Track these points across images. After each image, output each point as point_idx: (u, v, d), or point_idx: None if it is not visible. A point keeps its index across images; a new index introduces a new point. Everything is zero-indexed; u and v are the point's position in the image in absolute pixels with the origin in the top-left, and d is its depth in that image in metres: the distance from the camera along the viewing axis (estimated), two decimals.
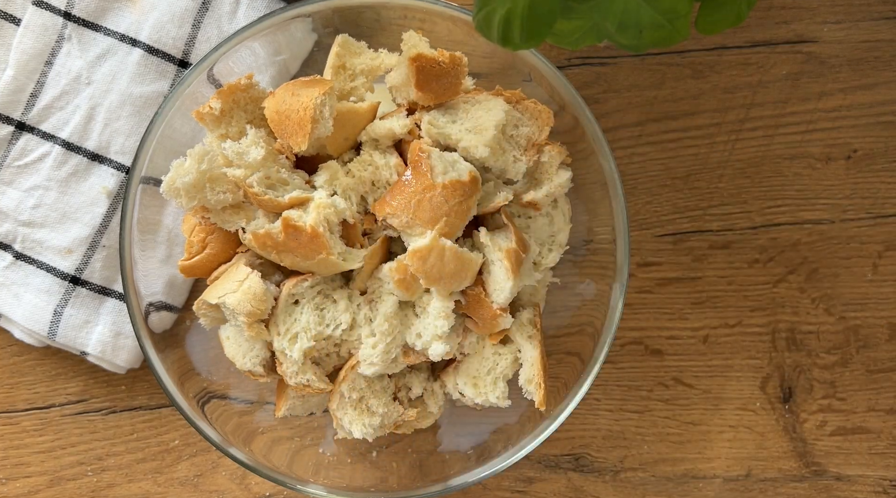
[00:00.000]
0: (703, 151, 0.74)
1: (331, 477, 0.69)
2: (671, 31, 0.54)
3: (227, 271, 0.63)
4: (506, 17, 0.52)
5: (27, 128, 0.70)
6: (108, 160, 0.70)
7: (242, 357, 0.64)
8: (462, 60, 0.62)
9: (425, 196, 0.60)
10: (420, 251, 0.60)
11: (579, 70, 0.73)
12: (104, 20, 0.70)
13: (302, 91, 0.60)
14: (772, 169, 0.74)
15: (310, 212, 0.60)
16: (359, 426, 0.64)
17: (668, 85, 0.74)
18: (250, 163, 0.60)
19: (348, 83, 0.65)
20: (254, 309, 0.61)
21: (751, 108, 0.74)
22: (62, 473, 0.73)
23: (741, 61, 0.73)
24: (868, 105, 0.74)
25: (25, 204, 0.70)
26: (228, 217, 0.62)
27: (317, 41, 0.70)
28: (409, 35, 0.63)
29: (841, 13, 0.74)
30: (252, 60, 0.68)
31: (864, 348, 0.74)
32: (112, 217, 0.71)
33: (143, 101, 0.70)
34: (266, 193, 0.60)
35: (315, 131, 0.59)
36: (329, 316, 0.63)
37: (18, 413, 0.73)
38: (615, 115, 0.74)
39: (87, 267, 0.71)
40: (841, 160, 0.74)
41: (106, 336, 0.71)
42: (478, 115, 0.62)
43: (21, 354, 0.73)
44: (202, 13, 0.70)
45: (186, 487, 0.73)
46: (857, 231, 0.74)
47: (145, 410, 0.74)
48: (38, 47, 0.70)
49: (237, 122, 0.62)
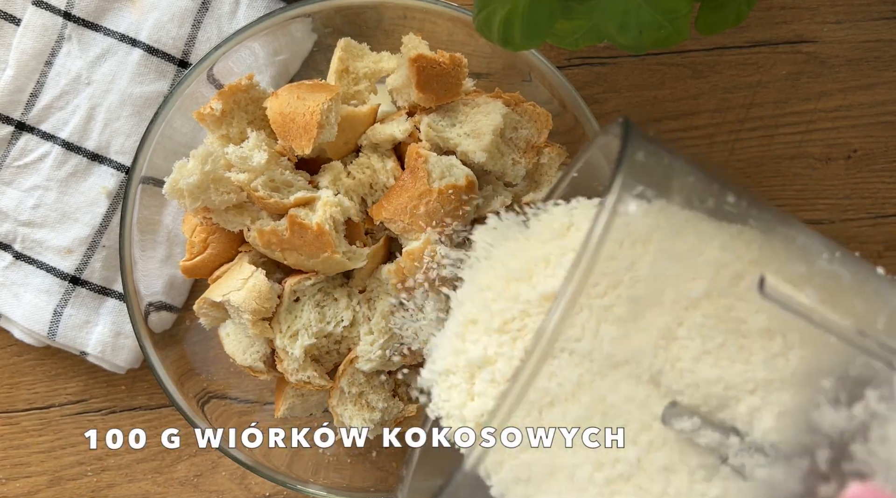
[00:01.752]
0: (703, 151, 0.74)
1: (331, 477, 0.69)
2: (671, 31, 0.54)
3: (231, 270, 0.63)
4: (506, 17, 0.52)
5: (27, 128, 0.70)
6: (108, 160, 0.70)
7: (243, 353, 0.64)
8: (462, 61, 0.62)
9: (422, 200, 0.60)
10: (413, 253, 0.60)
11: (579, 70, 0.73)
12: (104, 20, 0.70)
13: (308, 95, 0.60)
14: (772, 169, 0.74)
15: (316, 210, 0.60)
16: (359, 422, 0.64)
17: (668, 85, 0.74)
18: (254, 167, 0.60)
19: (352, 87, 0.65)
20: (259, 307, 0.61)
21: (751, 108, 0.74)
22: (62, 473, 0.73)
23: (741, 61, 0.73)
24: (868, 105, 0.74)
25: (25, 204, 0.70)
26: (231, 217, 0.63)
27: (317, 41, 0.70)
28: (409, 37, 0.63)
29: (841, 13, 0.74)
30: (252, 60, 0.68)
31: None
32: (112, 217, 0.71)
33: (143, 101, 0.70)
34: (271, 196, 0.60)
35: (320, 136, 0.59)
36: (330, 313, 0.63)
37: (18, 413, 0.73)
38: (615, 115, 0.74)
39: (87, 267, 0.71)
40: (841, 160, 0.74)
41: (106, 336, 0.71)
42: (476, 119, 0.63)
43: (21, 354, 0.73)
44: (202, 13, 0.70)
45: (186, 487, 0.73)
46: (857, 231, 0.74)
47: (145, 410, 0.74)
48: (38, 47, 0.70)
49: (238, 122, 0.63)
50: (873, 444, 0.37)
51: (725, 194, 0.43)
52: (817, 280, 0.41)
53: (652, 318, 0.40)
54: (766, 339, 0.40)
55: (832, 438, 0.38)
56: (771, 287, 0.40)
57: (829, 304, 0.40)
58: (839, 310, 0.40)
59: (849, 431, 0.37)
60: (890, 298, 0.42)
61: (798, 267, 0.41)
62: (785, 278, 0.41)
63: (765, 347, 0.40)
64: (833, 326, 0.40)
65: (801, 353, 0.40)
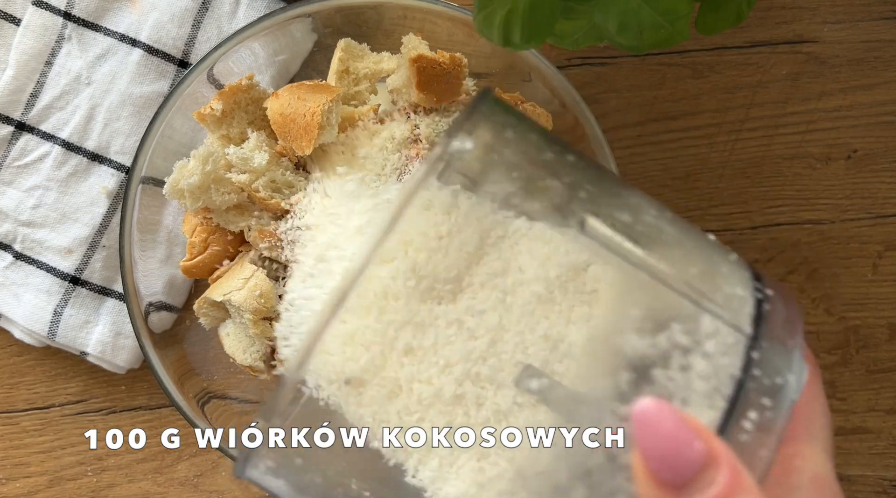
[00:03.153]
0: (703, 151, 0.74)
1: None
2: (671, 31, 0.54)
3: (231, 269, 0.63)
4: (506, 17, 0.52)
5: (27, 128, 0.70)
6: (108, 160, 0.70)
7: (243, 352, 0.64)
8: (462, 61, 0.62)
9: None
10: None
11: (579, 70, 0.73)
12: (104, 20, 0.70)
13: (308, 96, 0.60)
14: (772, 169, 0.74)
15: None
16: None
17: (668, 85, 0.74)
18: (255, 168, 0.60)
19: (352, 88, 0.65)
20: (260, 306, 0.61)
21: (751, 108, 0.74)
22: (62, 473, 0.73)
23: (741, 61, 0.73)
24: (868, 105, 0.74)
25: (25, 204, 0.70)
26: (232, 217, 0.63)
27: (317, 41, 0.70)
28: (409, 38, 0.63)
29: (841, 13, 0.74)
30: (252, 60, 0.68)
31: (864, 348, 0.74)
32: (112, 217, 0.71)
33: (143, 101, 0.70)
34: (272, 197, 0.60)
35: (321, 137, 0.59)
36: None
37: (18, 413, 0.73)
38: (615, 115, 0.74)
39: (87, 267, 0.71)
40: (841, 160, 0.74)
41: (106, 336, 0.71)
42: None
43: (21, 354, 0.73)
44: (202, 13, 0.70)
45: (186, 487, 0.73)
46: (857, 231, 0.74)
47: (145, 410, 0.74)
48: (38, 47, 0.70)
49: (238, 123, 0.63)
50: (673, 371, 0.41)
51: (564, 155, 0.47)
52: (639, 228, 0.45)
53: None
54: (580, 274, 0.44)
55: (634, 363, 0.42)
56: (591, 227, 0.44)
57: (648, 249, 0.44)
58: (655, 254, 0.45)
59: (650, 357, 0.41)
60: (709, 253, 0.46)
61: (623, 216, 0.45)
62: (607, 224, 0.45)
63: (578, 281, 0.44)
64: (645, 264, 0.44)
65: (612, 286, 0.44)
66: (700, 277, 0.44)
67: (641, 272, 0.44)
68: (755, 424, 0.41)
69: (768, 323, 0.43)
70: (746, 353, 0.42)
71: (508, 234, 0.45)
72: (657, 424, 0.38)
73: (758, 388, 0.41)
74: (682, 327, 0.42)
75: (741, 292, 0.45)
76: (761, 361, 0.42)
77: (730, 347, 0.42)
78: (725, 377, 0.41)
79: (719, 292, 0.44)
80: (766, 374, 0.42)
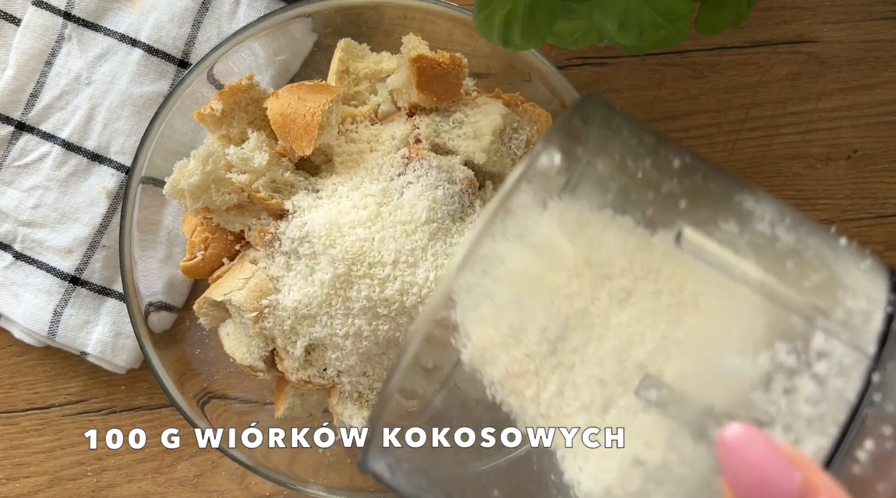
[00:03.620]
0: (702, 152, 0.74)
1: (331, 477, 0.69)
2: (672, 31, 0.54)
3: (231, 269, 0.63)
4: (506, 18, 0.52)
5: (27, 128, 0.70)
6: (108, 160, 0.70)
7: (243, 353, 0.64)
8: (462, 61, 0.62)
9: None
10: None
11: (579, 70, 0.73)
12: (104, 20, 0.70)
13: (308, 96, 0.60)
14: (772, 169, 0.74)
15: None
16: (359, 421, 0.65)
17: (668, 85, 0.74)
18: (255, 168, 0.60)
19: (352, 88, 0.65)
20: (260, 306, 0.61)
21: (751, 109, 0.74)
22: (62, 473, 0.73)
23: (741, 61, 0.73)
24: (868, 105, 0.74)
25: (25, 204, 0.70)
26: (232, 217, 0.63)
27: (317, 41, 0.70)
28: (409, 38, 0.63)
29: (841, 13, 0.74)
30: (252, 60, 0.68)
31: None
32: (112, 217, 0.71)
33: (143, 101, 0.70)
34: (273, 197, 0.61)
35: (321, 137, 0.59)
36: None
37: (18, 413, 0.73)
38: None
39: (87, 267, 0.71)
40: (841, 160, 0.74)
41: (106, 336, 0.71)
42: (476, 119, 0.63)
43: (21, 354, 0.73)
44: (202, 13, 0.70)
45: (186, 487, 0.73)
46: (857, 231, 0.74)
47: (145, 410, 0.74)
48: (38, 47, 0.70)
49: (238, 123, 0.63)
50: (775, 394, 0.38)
51: (671, 159, 0.44)
52: (747, 238, 0.42)
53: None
54: (678, 291, 0.41)
55: (731, 385, 0.39)
56: (688, 240, 0.41)
57: (754, 261, 0.41)
58: (762, 266, 0.41)
59: (750, 378, 0.38)
60: (833, 263, 0.43)
61: (729, 226, 0.42)
62: (708, 235, 0.41)
63: (676, 298, 0.41)
64: (747, 278, 0.40)
65: (710, 302, 0.41)
66: (816, 290, 0.41)
67: (743, 287, 0.40)
68: (872, 456, 0.37)
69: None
70: (867, 375, 0.38)
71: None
72: (745, 452, 0.36)
73: (878, 415, 0.37)
74: (788, 346, 0.39)
75: (866, 306, 0.40)
76: (884, 385, 0.38)
77: (846, 368, 0.38)
78: (838, 402, 0.38)
79: (839, 307, 0.40)
80: (890, 398, 0.38)
